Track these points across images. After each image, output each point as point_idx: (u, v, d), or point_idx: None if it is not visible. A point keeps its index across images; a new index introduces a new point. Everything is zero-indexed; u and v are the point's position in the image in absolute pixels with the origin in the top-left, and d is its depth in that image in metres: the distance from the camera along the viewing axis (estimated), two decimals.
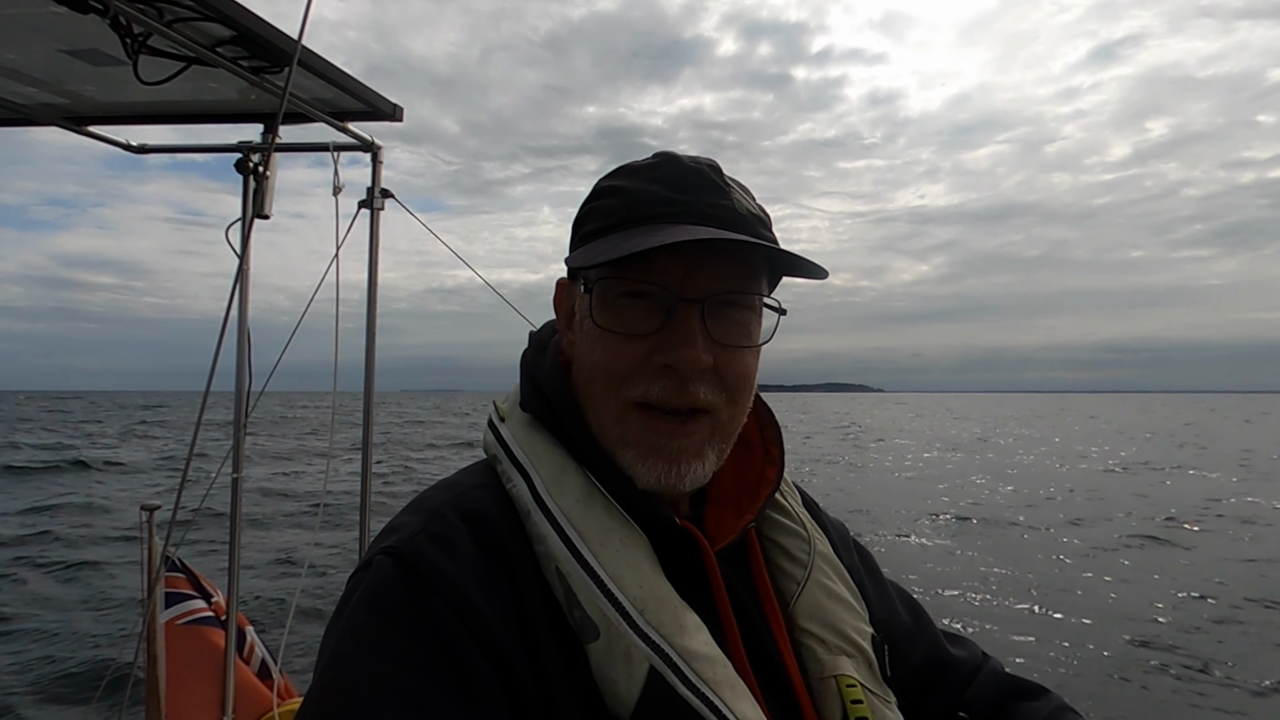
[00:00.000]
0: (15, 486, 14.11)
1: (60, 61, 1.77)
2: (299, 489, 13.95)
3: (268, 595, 6.87)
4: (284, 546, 9.11)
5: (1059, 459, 22.17)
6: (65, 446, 22.37)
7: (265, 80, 1.76)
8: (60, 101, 2.09)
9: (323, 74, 1.79)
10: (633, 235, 0.67)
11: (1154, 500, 13.63)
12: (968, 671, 0.87)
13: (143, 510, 2.41)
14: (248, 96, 2.09)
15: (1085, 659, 5.65)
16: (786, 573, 0.77)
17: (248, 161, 2.25)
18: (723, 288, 0.68)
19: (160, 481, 15.30)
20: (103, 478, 15.91)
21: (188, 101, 2.10)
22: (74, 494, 13.06)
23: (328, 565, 7.73)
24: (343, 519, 9.93)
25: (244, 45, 1.61)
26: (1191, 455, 23.51)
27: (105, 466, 17.58)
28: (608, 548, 0.63)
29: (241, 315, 2.24)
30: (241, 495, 2.29)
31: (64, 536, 9.59)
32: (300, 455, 20.79)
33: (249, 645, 2.37)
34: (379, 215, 2.29)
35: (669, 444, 0.68)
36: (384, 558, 0.61)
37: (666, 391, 0.67)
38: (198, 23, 1.50)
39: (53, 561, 8.30)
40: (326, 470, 3.35)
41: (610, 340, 0.68)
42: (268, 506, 12.05)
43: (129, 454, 20.83)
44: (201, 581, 2.40)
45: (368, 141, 2.22)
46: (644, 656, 0.59)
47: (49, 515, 11.16)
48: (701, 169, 0.71)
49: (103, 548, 9.03)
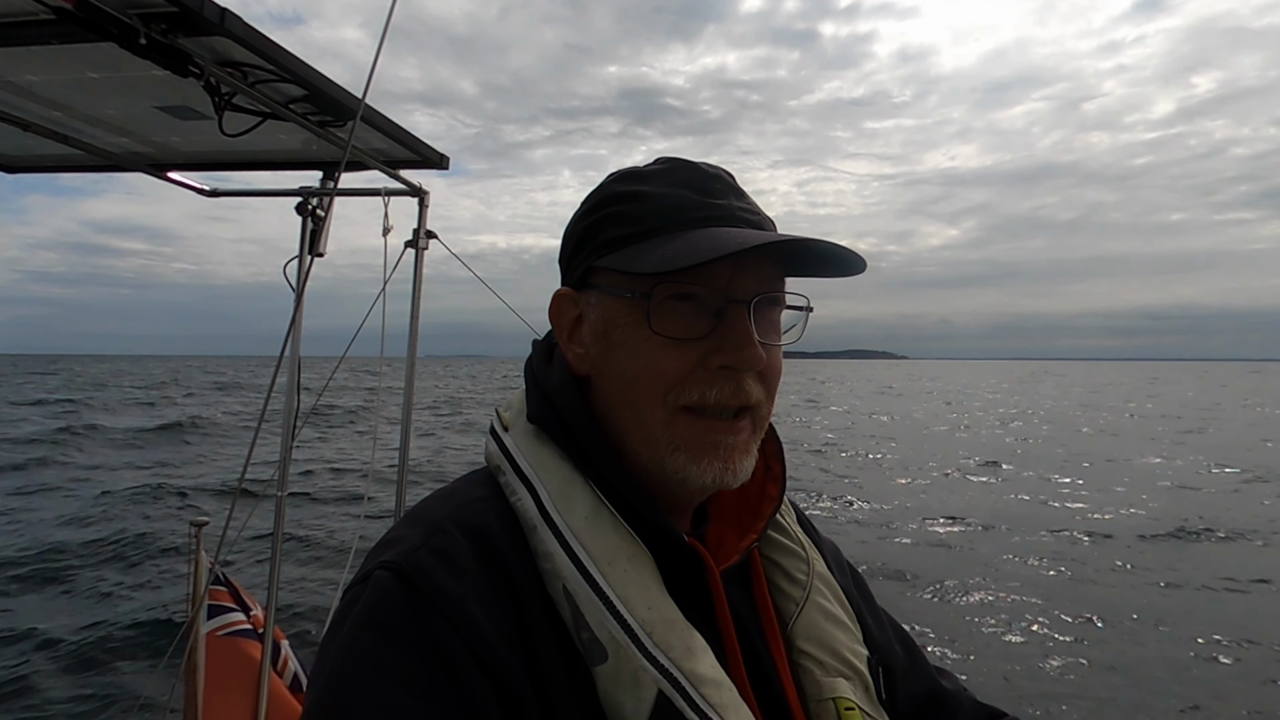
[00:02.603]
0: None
1: (152, 116, 2.00)
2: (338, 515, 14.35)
3: (303, 608, 7.00)
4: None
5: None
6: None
7: (329, 133, 1.96)
8: (146, 150, 2.33)
9: (381, 128, 2.00)
10: (686, 239, 0.66)
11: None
12: (953, 704, 0.88)
13: (192, 525, 2.57)
14: (309, 147, 2.31)
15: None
16: (785, 593, 0.77)
17: (307, 204, 2.47)
18: (764, 288, 0.69)
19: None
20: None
21: (256, 151, 2.33)
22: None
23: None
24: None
25: (313, 102, 1.82)
26: None
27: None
28: (616, 567, 0.63)
29: (294, 346, 2.42)
30: (284, 514, 2.43)
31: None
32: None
33: (283, 659, 2.48)
34: (423, 255, 2.48)
35: (723, 442, 0.68)
36: (383, 572, 0.59)
37: (724, 393, 0.67)
38: (276, 84, 1.70)
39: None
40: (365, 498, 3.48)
41: (660, 345, 0.67)
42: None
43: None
44: (242, 595, 2.53)
45: (416, 187, 2.42)
46: (652, 680, 0.59)
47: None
48: (721, 174, 0.73)
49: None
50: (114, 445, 16.66)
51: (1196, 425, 24.70)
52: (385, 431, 12.32)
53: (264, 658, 2.39)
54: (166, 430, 19.21)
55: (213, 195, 2.63)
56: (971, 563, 8.08)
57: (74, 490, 11.43)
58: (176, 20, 1.40)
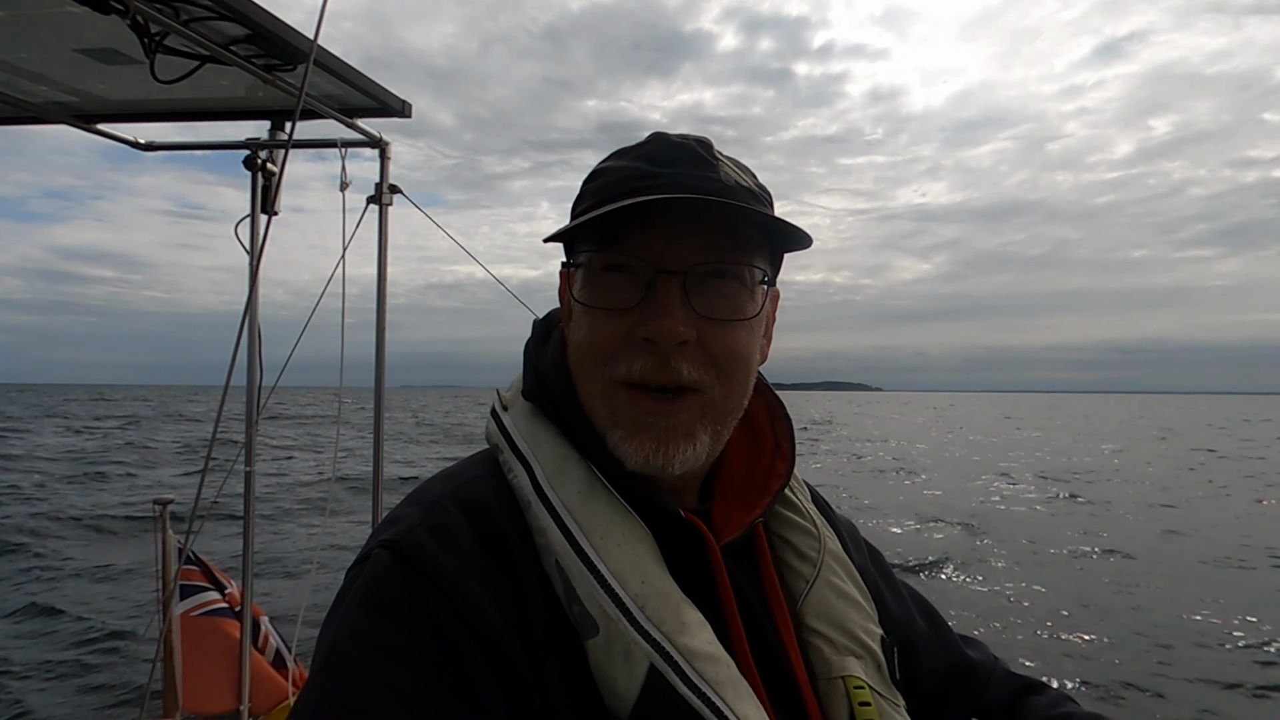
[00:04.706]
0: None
1: (73, 60, 1.78)
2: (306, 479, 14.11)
3: (281, 584, 6.91)
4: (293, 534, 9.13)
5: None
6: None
7: (278, 78, 1.78)
8: (69, 99, 2.10)
9: (336, 71, 1.82)
10: (606, 208, 0.65)
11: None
12: (984, 674, 0.87)
13: (156, 505, 2.44)
14: (255, 94, 2.11)
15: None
16: (795, 570, 0.76)
17: (256, 158, 2.28)
18: (705, 258, 0.66)
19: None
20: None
21: (195, 99, 2.12)
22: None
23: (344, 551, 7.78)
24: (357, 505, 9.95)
25: (258, 44, 1.63)
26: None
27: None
28: (609, 541, 0.62)
29: (252, 312, 2.26)
30: (255, 488, 2.32)
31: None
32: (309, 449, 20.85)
33: (264, 636, 2.41)
34: (387, 211, 2.32)
35: (656, 423, 0.66)
36: (382, 551, 0.60)
37: (649, 368, 0.65)
38: (214, 22, 1.52)
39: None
40: (334, 461, 3.37)
41: (594, 317, 0.67)
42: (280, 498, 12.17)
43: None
44: (215, 574, 2.43)
45: (376, 138, 2.25)
46: (644, 654, 0.58)
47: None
48: (688, 144, 0.70)
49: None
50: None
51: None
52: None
53: (244, 636, 2.31)
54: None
55: (148, 149, 2.41)
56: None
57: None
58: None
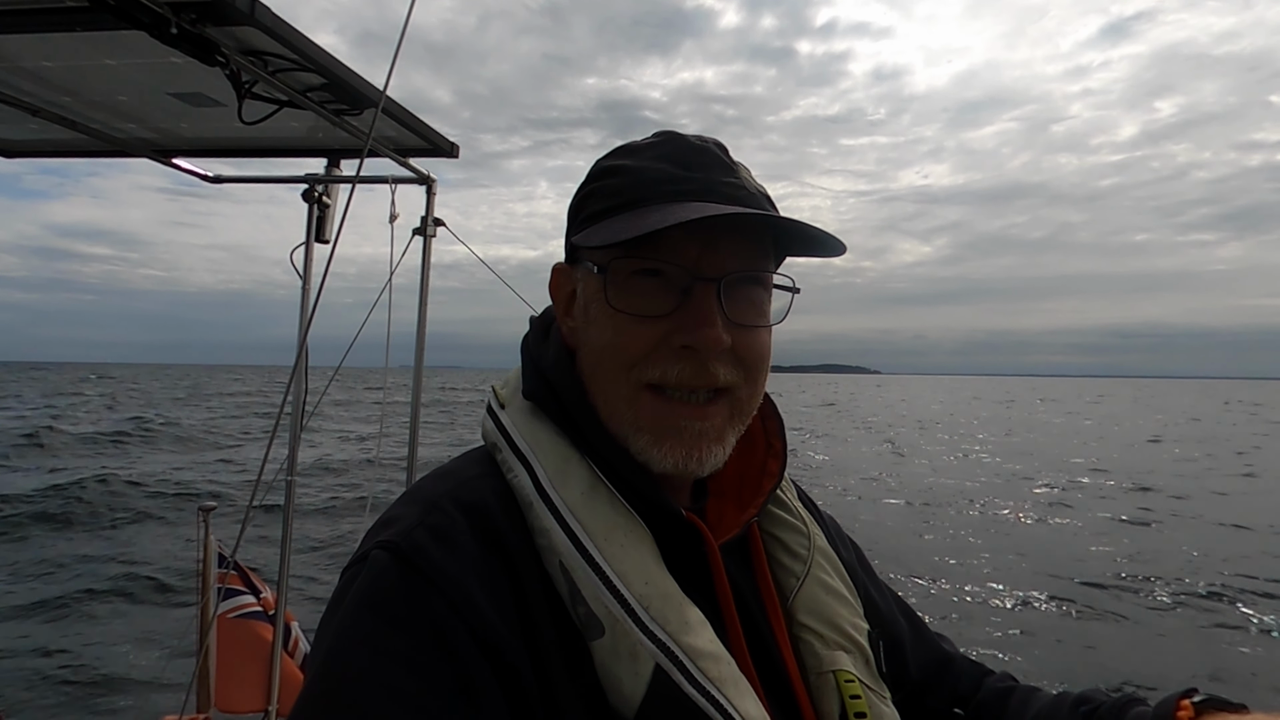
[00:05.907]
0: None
1: (165, 103, 2.00)
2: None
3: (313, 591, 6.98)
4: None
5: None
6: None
7: (344, 121, 1.98)
8: (152, 136, 2.32)
9: (397, 117, 2.02)
10: (647, 213, 0.65)
11: None
12: (958, 666, 0.90)
13: (200, 511, 2.59)
14: (316, 134, 2.32)
15: None
16: (786, 568, 0.77)
17: (313, 191, 2.48)
18: (738, 266, 0.67)
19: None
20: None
21: (264, 137, 2.33)
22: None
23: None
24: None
25: (331, 91, 1.83)
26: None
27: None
28: (612, 542, 0.62)
29: (302, 333, 2.44)
30: (294, 497, 2.47)
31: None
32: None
33: (294, 640, 2.53)
34: (431, 243, 2.51)
35: (690, 427, 0.66)
36: (380, 552, 0.59)
37: (685, 373, 0.66)
38: (296, 73, 1.72)
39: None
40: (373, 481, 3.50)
41: (623, 321, 0.66)
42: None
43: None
44: (252, 578, 2.56)
45: (424, 175, 2.45)
46: (649, 654, 0.59)
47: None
48: (708, 147, 0.71)
49: None
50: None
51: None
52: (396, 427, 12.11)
53: (275, 638, 2.43)
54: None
55: (216, 181, 2.63)
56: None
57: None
58: (207, 10, 1.42)
